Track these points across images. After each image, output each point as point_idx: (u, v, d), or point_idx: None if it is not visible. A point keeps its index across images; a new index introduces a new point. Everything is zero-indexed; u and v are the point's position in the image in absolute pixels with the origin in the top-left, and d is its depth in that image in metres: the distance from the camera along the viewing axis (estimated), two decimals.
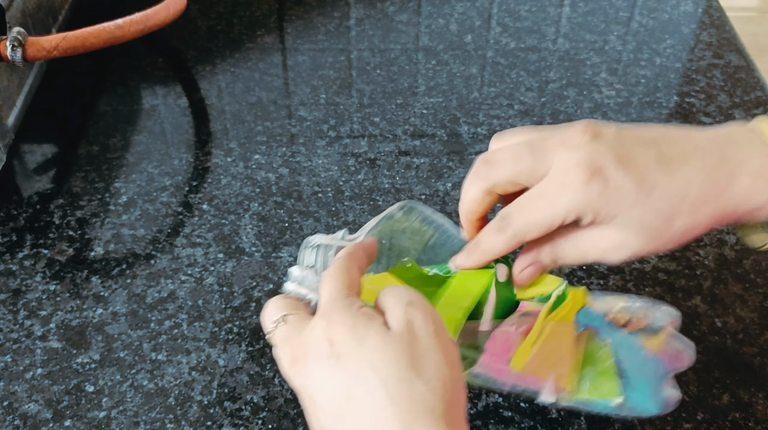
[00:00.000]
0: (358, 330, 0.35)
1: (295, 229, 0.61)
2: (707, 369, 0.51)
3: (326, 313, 0.37)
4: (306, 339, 0.37)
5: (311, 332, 0.37)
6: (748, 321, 0.54)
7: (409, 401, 0.34)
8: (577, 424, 0.48)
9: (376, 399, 0.34)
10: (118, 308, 0.55)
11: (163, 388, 0.50)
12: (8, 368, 0.51)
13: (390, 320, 0.36)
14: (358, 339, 0.35)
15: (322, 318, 0.37)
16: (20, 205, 0.63)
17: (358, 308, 0.36)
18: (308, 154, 0.68)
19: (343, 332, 0.35)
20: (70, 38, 0.64)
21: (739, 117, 0.72)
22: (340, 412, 0.35)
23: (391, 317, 0.36)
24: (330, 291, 0.38)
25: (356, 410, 0.34)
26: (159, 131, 0.71)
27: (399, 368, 0.34)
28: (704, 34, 0.83)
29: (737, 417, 0.48)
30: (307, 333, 0.37)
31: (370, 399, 0.34)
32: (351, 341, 0.35)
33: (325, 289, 0.38)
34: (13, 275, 0.57)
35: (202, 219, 0.62)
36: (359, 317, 0.36)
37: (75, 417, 0.48)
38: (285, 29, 0.84)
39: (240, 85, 0.76)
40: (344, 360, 0.35)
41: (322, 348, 0.36)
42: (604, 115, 0.72)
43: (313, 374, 0.36)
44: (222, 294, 0.56)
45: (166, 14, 0.73)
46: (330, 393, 0.35)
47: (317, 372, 0.36)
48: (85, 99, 0.75)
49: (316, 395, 0.36)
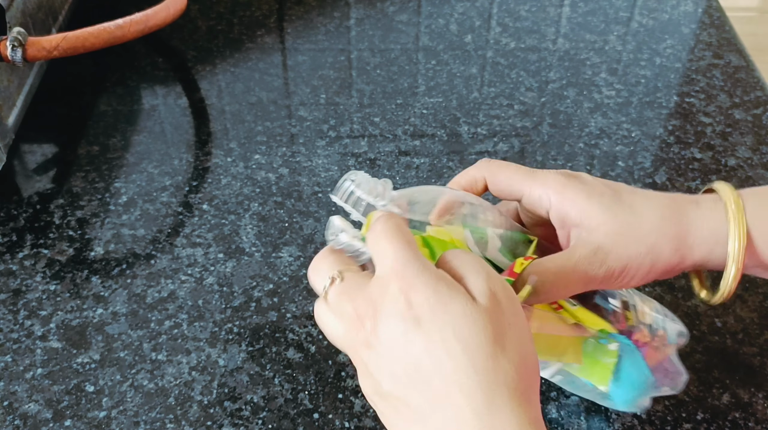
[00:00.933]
0: (442, 296, 0.34)
1: (295, 229, 0.61)
2: (707, 369, 0.51)
3: (400, 273, 0.35)
4: (376, 296, 0.35)
5: (385, 290, 0.35)
6: (748, 321, 0.54)
7: (494, 374, 0.33)
8: (577, 424, 0.48)
9: (458, 368, 0.33)
10: (118, 308, 0.55)
11: (163, 388, 0.50)
12: (8, 368, 0.51)
13: (473, 289, 0.35)
14: (442, 305, 0.34)
15: (397, 278, 0.34)
16: (20, 205, 0.63)
17: (436, 272, 0.35)
18: (308, 154, 0.68)
19: (425, 295, 0.34)
20: (70, 38, 0.64)
21: (739, 117, 0.72)
22: (410, 376, 0.33)
23: (473, 286, 0.35)
24: (396, 250, 0.35)
25: (432, 377, 0.33)
26: (159, 131, 0.71)
27: (485, 341, 0.33)
28: (704, 34, 0.83)
29: (737, 417, 0.48)
30: (376, 291, 0.35)
31: (451, 367, 0.33)
32: (435, 305, 0.34)
33: (387, 247, 0.36)
34: (13, 275, 0.57)
35: (202, 219, 0.62)
36: (441, 282, 0.34)
37: (75, 417, 0.48)
38: (285, 29, 0.84)
39: (240, 85, 0.76)
40: (426, 324, 0.33)
41: (399, 307, 0.34)
42: (604, 115, 0.72)
43: (385, 332, 0.34)
44: (222, 294, 0.56)
45: (166, 14, 0.73)
46: (402, 355, 0.34)
47: (391, 331, 0.34)
48: (85, 99, 0.75)
49: (386, 355, 0.34)
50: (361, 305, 0.35)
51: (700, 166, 0.67)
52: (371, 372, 0.35)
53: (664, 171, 0.66)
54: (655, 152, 0.68)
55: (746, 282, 0.56)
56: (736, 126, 0.71)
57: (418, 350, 0.33)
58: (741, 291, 0.56)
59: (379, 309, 0.34)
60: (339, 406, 0.49)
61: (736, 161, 0.67)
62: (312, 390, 0.50)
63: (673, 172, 0.66)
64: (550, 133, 0.70)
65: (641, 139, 0.70)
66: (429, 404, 0.33)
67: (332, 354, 0.52)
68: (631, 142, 0.69)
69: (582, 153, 0.68)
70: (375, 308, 0.34)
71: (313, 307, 0.55)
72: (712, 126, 0.71)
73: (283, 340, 0.53)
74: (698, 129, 0.71)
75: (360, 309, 0.35)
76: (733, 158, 0.67)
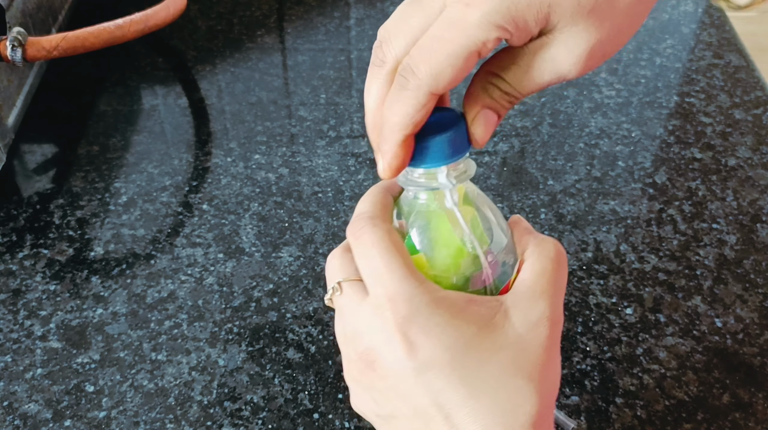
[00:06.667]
0: (464, 331, 0.30)
1: (295, 229, 0.61)
2: (707, 369, 0.51)
3: (395, 302, 0.31)
4: (369, 329, 0.31)
5: (378, 322, 0.31)
6: (748, 321, 0.54)
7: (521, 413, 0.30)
8: (577, 424, 0.48)
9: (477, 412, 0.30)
10: (118, 308, 0.55)
11: (163, 388, 0.50)
12: (8, 368, 0.51)
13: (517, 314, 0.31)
14: (462, 344, 0.30)
15: (392, 310, 0.30)
16: (20, 205, 0.63)
17: (437, 298, 0.31)
18: (308, 154, 0.68)
19: (435, 334, 0.30)
20: (70, 38, 0.64)
21: (739, 117, 0.72)
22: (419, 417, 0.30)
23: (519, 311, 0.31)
24: (390, 271, 0.31)
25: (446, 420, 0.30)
26: (159, 131, 0.71)
27: (511, 376, 0.30)
28: (704, 34, 0.83)
29: (737, 417, 0.48)
30: (369, 320, 0.31)
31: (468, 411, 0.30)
32: (447, 349, 0.30)
33: (380, 267, 0.31)
34: (13, 275, 0.57)
35: (202, 219, 0.62)
36: (460, 313, 0.30)
37: (75, 417, 0.48)
38: (285, 29, 0.84)
39: (240, 85, 0.76)
40: (433, 370, 0.30)
41: (397, 349, 0.30)
42: (604, 114, 0.72)
43: (385, 370, 0.31)
44: (222, 294, 0.56)
45: (166, 14, 0.73)
46: (406, 398, 0.30)
47: (392, 372, 0.31)
48: (85, 99, 0.75)
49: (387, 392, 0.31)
50: (355, 331, 0.32)
51: (700, 166, 0.67)
52: (368, 393, 0.33)
53: (664, 171, 0.66)
54: (655, 152, 0.68)
55: (746, 282, 0.56)
56: (736, 126, 0.71)
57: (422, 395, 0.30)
58: (741, 291, 0.56)
59: (375, 346, 0.31)
60: (339, 406, 0.49)
61: (736, 161, 0.67)
62: (312, 390, 0.50)
63: (673, 172, 0.66)
64: (550, 133, 0.70)
65: (641, 139, 0.70)
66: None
67: (332, 354, 0.52)
68: (631, 142, 0.69)
69: (582, 153, 0.68)
70: (369, 341, 0.31)
71: (313, 307, 0.55)
72: (712, 126, 0.71)
73: (283, 340, 0.53)
74: (698, 129, 0.71)
75: (353, 335, 0.32)
76: (733, 158, 0.67)
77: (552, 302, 0.32)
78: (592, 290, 0.56)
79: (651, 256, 0.58)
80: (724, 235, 0.60)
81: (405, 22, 0.31)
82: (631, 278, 0.57)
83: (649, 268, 0.57)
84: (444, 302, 0.31)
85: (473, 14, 0.29)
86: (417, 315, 0.30)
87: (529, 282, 0.33)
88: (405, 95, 0.30)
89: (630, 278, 0.57)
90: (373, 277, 0.32)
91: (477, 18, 0.29)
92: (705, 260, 0.58)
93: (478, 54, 0.30)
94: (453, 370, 0.30)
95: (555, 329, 0.32)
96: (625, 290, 0.56)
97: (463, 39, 0.29)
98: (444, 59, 0.29)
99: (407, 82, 0.30)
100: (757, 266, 0.58)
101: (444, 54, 0.29)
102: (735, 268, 0.58)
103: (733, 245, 0.59)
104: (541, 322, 0.31)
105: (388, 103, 0.31)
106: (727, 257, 0.58)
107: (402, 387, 0.31)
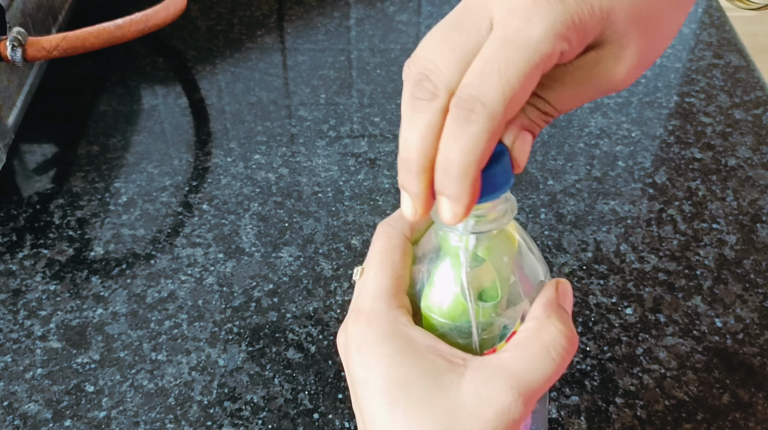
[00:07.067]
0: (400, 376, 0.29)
1: (295, 229, 0.61)
2: (707, 369, 0.51)
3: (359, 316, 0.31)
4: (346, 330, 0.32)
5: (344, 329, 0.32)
6: (748, 321, 0.54)
7: None
8: (577, 424, 0.48)
9: None
10: (118, 308, 0.55)
11: (163, 388, 0.50)
12: (8, 368, 0.51)
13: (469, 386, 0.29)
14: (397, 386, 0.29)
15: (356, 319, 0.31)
16: (20, 205, 0.63)
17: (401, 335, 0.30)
18: (308, 154, 0.68)
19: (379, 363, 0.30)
20: (70, 38, 0.64)
21: (739, 117, 0.72)
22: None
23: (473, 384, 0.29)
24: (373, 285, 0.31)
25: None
26: (159, 131, 0.71)
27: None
28: (704, 34, 0.83)
29: (737, 417, 0.48)
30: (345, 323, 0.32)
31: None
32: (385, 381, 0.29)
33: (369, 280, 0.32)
34: (13, 275, 0.57)
35: (202, 219, 0.62)
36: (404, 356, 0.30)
37: (75, 417, 0.48)
38: (285, 29, 0.84)
39: (240, 85, 0.76)
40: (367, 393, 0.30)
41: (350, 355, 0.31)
42: (604, 114, 0.72)
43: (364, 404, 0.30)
44: (222, 294, 0.56)
45: (166, 14, 0.73)
46: None
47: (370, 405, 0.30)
48: (85, 99, 0.75)
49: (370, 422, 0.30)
50: (345, 345, 0.32)
51: (700, 166, 0.67)
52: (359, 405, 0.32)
53: (664, 171, 0.66)
54: (655, 152, 0.68)
55: (746, 282, 0.56)
56: (736, 126, 0.71)
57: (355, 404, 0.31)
58: (741, 291, 0.56)
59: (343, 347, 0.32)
60: (339, 406, 0.49)
61: (736, 161, 0.67)
62: (312, 390, 0.50)
63: (673, 172, 0.66)
64: (550, 133, 0.70)
65: (641, 139, 0.70)
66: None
67: (332, 354, 0.52)
68: (631, 142, 0.69)
69: (582, 153, 0.68)
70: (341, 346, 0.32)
71: (313, 307, 0.55)
72: (712, 126, 0.71)
73: (283, 340, 0.53)
74: (698, 129, 0.71)
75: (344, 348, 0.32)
76: (733, 158, 0.67)
77: (523, 401, 0.29)
78: (592, 290, 0.56)
79: (651, 256, 0.58)
80: (724, 235, 0.60)
81: (449, 48, 0.28)
82: (631, 278, 0.57)
83: (649, 268, 0.57)
84: (400, 336, 0.30)
85: (536, 28, 0.27)
86: (368, 337, 0.30)
87: (506, 364, 0.29)
88: (474, 129, 0.27)
89: (630, 278, 0.57)
90: (360, 281, 0.33)
91: (541, 31, 0.27)
92: (705, 260, 0.58)
93: (544, 70, 0.28)
94: (383, 403, 0.30)
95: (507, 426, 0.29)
96: (625, 290, 0.56)
97: (531, 56, 0.27)
98: (516, 82, 0.27)
99: (473, 114, 0.27)
100: (757, 266, 0.58)
101: (515, 76, 0.27)
102: (735, 268, 0.58)
103: (733, 245, 0.59)
104: (492, 408, 0.28)
105: (453, 141, 0.27)
106: (727, 257, 0.58)
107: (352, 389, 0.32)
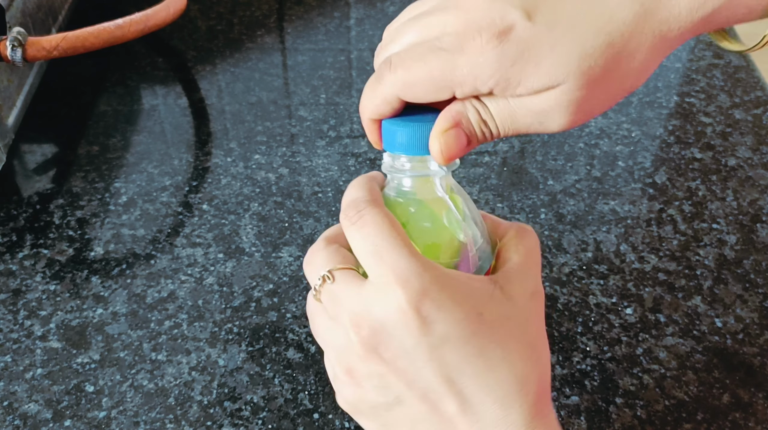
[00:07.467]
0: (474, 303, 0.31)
1: (295, 229, 0.61)
2: (707, 369, 0.51)
3: (406, 280, 0.30)
4: (376, 307, 0.31)
5: (387, 300, 0.30)
6: (748, 321, 0.54)
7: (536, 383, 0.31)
8: (577, 424, 0.48)
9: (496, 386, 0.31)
10: (118, 308, 0.55)
11: (163, 388, 0.50)
12: (8, 368, 0.51)
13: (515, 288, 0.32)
14: (474, 316, 0.30)
15: (402, 287, 0.30)
16: (20, 205, 0.63)
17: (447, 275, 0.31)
18: (308, 154, 0.68)
19: (448, 308, 0.30)
20: (70, 38, 0.64)
21: (739, 117, 0.72)
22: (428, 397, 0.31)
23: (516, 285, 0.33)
24: (399, 250, 0.31)
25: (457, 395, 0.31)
26: (159, 131, 0.71)
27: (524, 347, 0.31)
28: (704, 34, 0.83)
29: (737, 417, 0.48)
30: (375, 299, 0.31)
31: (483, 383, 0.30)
32: (459, 323, 0.30)
33: (381, 245, 0.31)
34: (13, 275, 0.57)
35: (202, 219, 0.62)
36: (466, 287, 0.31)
37: (75, 417, 0.48)
38: (285, 29, 0.84)
39: (240, 85, 0.76)
40: (452, 344, 0.30)
41: (411, 325, 0.30)
42: (604, 114, 0.72)
43: (392, 350, 0.30)
44: (222, 294, 0.56)
45: (166, 14, 0.73)
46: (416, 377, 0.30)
47: (403, 350, 0.30)
48: (85, 99, 0.75)
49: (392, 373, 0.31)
50: (358, 314, 0.31)
51: (700, 166, 0.67)
52: (368, 382, 0.32)
53: (664, 171, 0.66)
54: (655, 152, 0.68)
55: (746, 282, 0.56)
56: (736, 126, 0.71)
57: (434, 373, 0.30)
58: (741, 291, 0.56)
59: (382, 324, 0.30)
60: (339, 406, 0.49)
61: (736, 161, 0.67)
62: (312, 390, 0.50)
63: (673, 172, 0.66)
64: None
65: (641, 139, 0.70)
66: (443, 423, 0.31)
67: None
68: (631, 142, 0.69)
69: (582, 153, 0.68)
70: (376, 321, 0.31)
71: None
72: (712, 126, 0.71)
73: (283, 340, 0.53)
74: (698, 129, 0.71)
75: (356, 318, 0.31)
76: (733, 158, 0.67)
77: (538, 278, 0.34)
78: (592, 290, 0.56)
79: (651, 256, 0.58)
80: (724, 235, 0.60)
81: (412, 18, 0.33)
82: (631, 278, 0.57)
83: (649, 268, 0.57)
84: (450, 278, 0.31)
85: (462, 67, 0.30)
86: (429, 290, 0.30)
87: (519, 261, 0.34)
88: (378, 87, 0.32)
89: (630, 278, 0.57)
90: (377, 256, 0.31)
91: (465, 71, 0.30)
92: (705, 260, 0.58)
93: (459, 89, 0.31)
94: (467, 343, 0.30)
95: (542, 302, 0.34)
96: (625, 290, 0.56)
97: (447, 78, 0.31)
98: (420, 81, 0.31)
99: (383, 77, 0.32)
100: (757, 266, 0.58)
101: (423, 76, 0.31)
102: (735, 268, 0.58)
103: (733, 245, 0.59)
104: (535, 295, 0.33)
105: (366, 87, 0.33)
106: (727, 257, 0.58)
107: (412, 368, 0.31)
